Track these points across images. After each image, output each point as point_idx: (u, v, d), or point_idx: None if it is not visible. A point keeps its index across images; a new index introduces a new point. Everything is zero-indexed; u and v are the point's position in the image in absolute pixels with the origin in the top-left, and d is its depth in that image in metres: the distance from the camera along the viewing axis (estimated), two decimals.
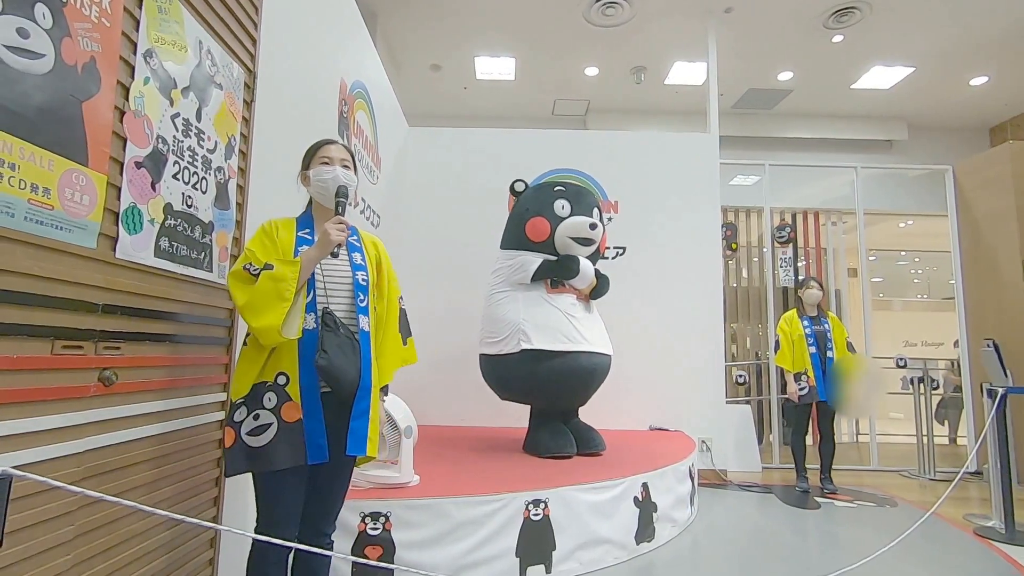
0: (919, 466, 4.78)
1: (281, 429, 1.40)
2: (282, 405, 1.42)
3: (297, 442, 1.41)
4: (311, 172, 1.62)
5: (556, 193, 3.23)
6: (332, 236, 1.46)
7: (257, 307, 1.39)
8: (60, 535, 1.16)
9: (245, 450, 1.40)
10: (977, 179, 5.13)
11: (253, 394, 1.42)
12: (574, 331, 3.03)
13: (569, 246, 3.13)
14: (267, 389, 1.43)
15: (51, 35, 1.10)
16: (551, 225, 3.14)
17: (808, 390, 3.89)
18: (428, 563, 2.08)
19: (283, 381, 1.43)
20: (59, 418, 1.16)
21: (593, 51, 5.68)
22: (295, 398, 1.43)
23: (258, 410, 1.41)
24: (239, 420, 1.41)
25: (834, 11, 4.86)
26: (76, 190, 1.17)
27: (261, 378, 1.44)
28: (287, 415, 1.41)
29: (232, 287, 1.45)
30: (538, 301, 3.09)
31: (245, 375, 1.44)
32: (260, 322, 1.38)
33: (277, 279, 1.41)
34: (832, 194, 6.15)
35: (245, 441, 1.40)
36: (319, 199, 1.62)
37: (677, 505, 2.96)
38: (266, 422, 1.40)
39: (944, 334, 7.69)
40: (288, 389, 1.43)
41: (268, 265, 1.43)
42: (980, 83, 6.01)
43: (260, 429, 1.40)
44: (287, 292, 1.40)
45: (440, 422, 4.12)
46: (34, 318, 1.10)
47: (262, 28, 1.96)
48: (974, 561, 2.75)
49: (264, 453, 1.39)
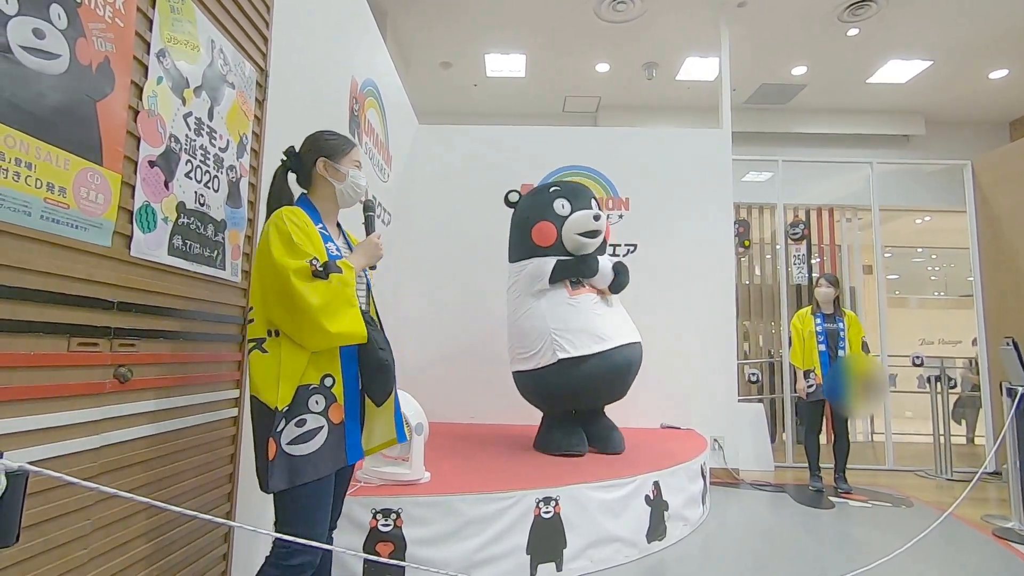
0: (936, 466, 4.71)
1: (330, 431, 1.39)
2: (330, 407, 1.40)
3: (339, 444, 1.41)
4: (348, 172, 1.56)
5: (553, 194, 3.21)
6: (381, 252, 1.54)
7: (333, 311, 1.34)
8: (77, 529, 1.17)
9: (288, 461, 1.32)
10: (997, 174, 5.03)
11: (298, 399, 1.35)
12: (604, 329, 2.99)
13: (578, 242, 3.11)
14: (312, 392, 1.37)
15: (66, 35, 1.11)
16: (556, 226, 3.12)
17: (816, 388, 3.86)
18: (439, 560, 2.08)
19: (330, 383, 1.41)
20: (75, 414, 1.17)
21: (604, 47, 5.64)
22: (340, 399, 1.42)
23: (304, 415, 1.35)
24: (280, 430, 1.33)
25: (849, 4, 4.78)
26: (91, 189, 1.18)
27: (304, 382, 1.37)
28: (335, 416, 1.40)
29: (301, 286, 1.31)
30: (563, 306, 3.04)
31: (288, 380, 1.34)
32: (339, 327, 1.34)
33: (345, 283, 1.38)
34: (847, 190, 6.07)
35: (287, 451, 1.33)
36: (340, 198, 1.57)
37: (689, 504, 2.94)
38: (315, 426, 1.36)
39: (961, 332, 7.56)
40: (335, 390, 1.41)
41: (332, 265, 1.37)
42: (1000, 76, 5.89)
43: (308, 436, 1.35)
44: (354, 298, 1.40)
45: (450, 419, 4.13)
46: (50, 315, 1.11)
47: (274, 27, 1.97)
48: (993, 563, 2.71)
49: (311, 461, 1.35)
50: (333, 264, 1.37)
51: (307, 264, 1.33)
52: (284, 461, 1.32)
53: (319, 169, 1.55)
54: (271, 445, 1.32)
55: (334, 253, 1.45)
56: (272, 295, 1.35)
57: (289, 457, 1.33)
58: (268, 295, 1.36)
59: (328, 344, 1.37)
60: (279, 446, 1.32)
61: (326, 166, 1.55)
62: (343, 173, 1.55)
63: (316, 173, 1.55)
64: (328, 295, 1.33)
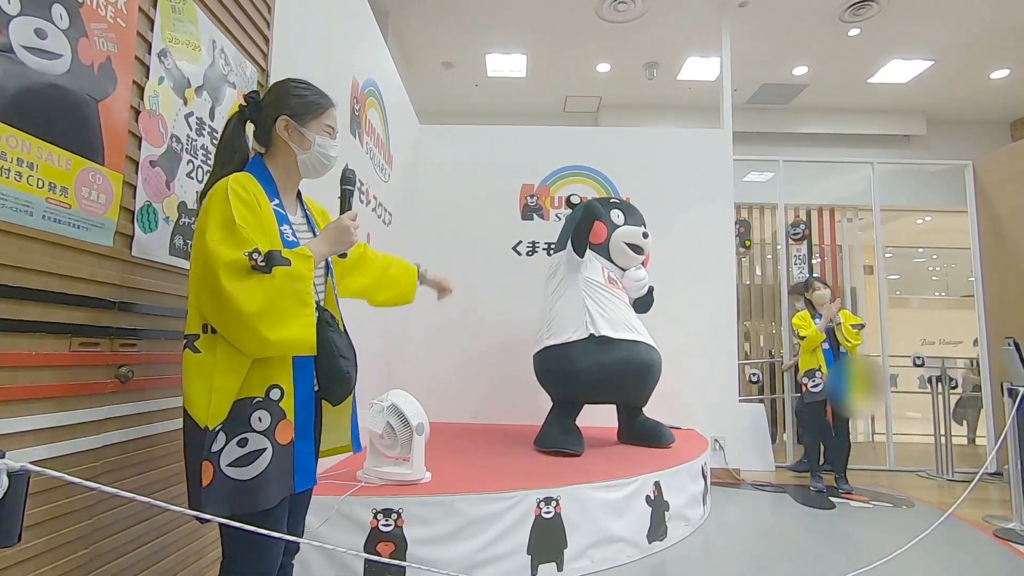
0: (937, 466, 4.71)
1: (276, 454, 1.14)
2: (276, 424, 1.15)
3: (287, 468, 1.18)
4: (314, 139, 1.29)
5: (612, 204, 3.53)
6: (353, 238, 1.27)
7: (276, 314, 1.09)
8: (78, 529, 1.18)
9: (228, 487, 1.10)
10: (998, 174, 5.03)
11: (235, 415, 1.12)
12: (636, 324, 3.23)
13: (623, 251, 3.38)
14: (255, 407, 1.14)
15: (68, 35, 1.11)
16: (608, 230, 3.38)
17: (822, 387, 3.86)
18: (440, 560, 2.08)
19: (277, 396, 1.16)
20: (77, 414, 1.17)
21: (605, 47, 5.64)
22: (289, 415, 1.18)
23: (245, 434, 1.12)
24: (217, 450, 1.10)
25: (850, 4, 4.78)
26: (93, 189, 1.19)
27: (245, 394, 1.13)
28: (281, 436, 1.16)
29: (232, 286, 1.06)
30: (601, 292, 3.23)
31: (223, 392, 1.11)
32: (281, 334, 1.09)
33: (296, 278, 1.12)
34: (848, 190, 6.06)
35: (227, 475, 1.10)
36: (306, 169, 1.31)
37: (690, 504, 2.94)
38: (257, 448, 1.12)
39: (963, 332, 7.55)
40: (283, 404, 1.17)
41: (278, 256, 1.10)
42: (1001, 76, 5.88)
43: (249, 457, 1.11)
44: (307, 296, 1.14)
45: (452, 419, 4.13)
46: (52, 315, 1.12)
47: (275, 27, 1.97)
48: (994, 563, 2.70)
49: (253, 487, 1.11)
50: (279, 255, 1.11)
51: (244, 257, 1.07)
52: (223, 486, 1.10)
53: (279, 129, 1.27)
54: (206, 469, 1.09)
55: (288, 239, 1.20)
56: (203, 287, 1.10)
57: (229, 481, 1.10)
58: (200, 285, 1.10)
59: (268, 353, 1.13)
60: (216, 468, 1.10)
61: (288, 128, 1.27)
62: (308, 140, 1.28)
63: (275, 133, 1.28)
64: (269, 295, 1.09)
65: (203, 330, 1.13)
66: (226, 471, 1.10)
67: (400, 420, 2.26)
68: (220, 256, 1.07)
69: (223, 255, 1.07)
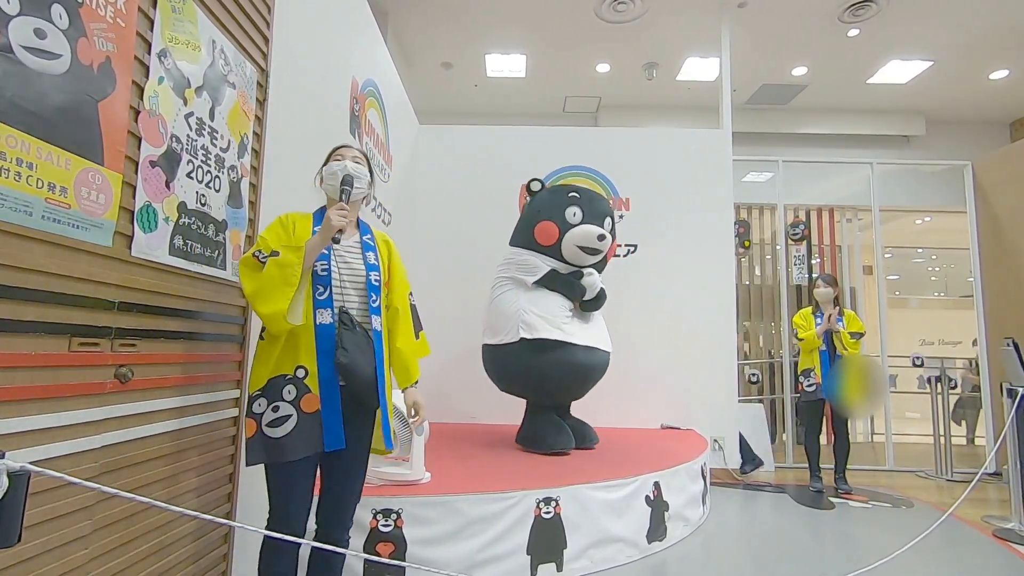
0: (936, 467, 4.71)
1: (300, 420, 1.43)
2: (302, 397, 1.45)
3: (315, 432, 1.45)
4: (324, 169, 1.66)
5: (570, 199, 3.22)
6: (333, 221, 1.48)
7: (264, 293, 1.42)
8: (78, 529, 1.17)
9: (264, 441, 1.43)
10: (997, 175, 5.03)
11: (271, 387, 1.45)
12: (572, 325, 3.10)
13: (576, 254, 3.16)
14: (286, 382, 1.45)
15: (67, 35, 1.11)
16: (560, 231, 3.15)
17: (815, 387, 3.87)
18: (439, 560, 2.08)
19: (302, 374, 1.46)
20: (76, 414, 1.17)
21: (604, 47, 5.64)
22: (314, 390, 1.46)
23: (278, 402, 1.43)
24: (259, 412, 1.44)
25: (850, 4, 4.78)
26: (92, 189, 1.18)
27: (279, 371, 1.46)
28: (307, 406, 1.45)
29: (242, 275, 1.46)
30: (539, 294, 3.15)
31: (262, 367, 1.47)
32: (267, 308, 1.41)
33: (283, 265, 1.44)
34: (847, 191, 6.07)
35: (265, 432, 1.43)
36: (330, 194, 1.65)
37: (689, 504, 2.94)
38: (285, 414, 1.43)
39: (962, 333, 7.56)
40: (307, 382, 1.46)
41: (275, 252, 1.45)
42: (1001, 77, 5.88)
43: (280, 421, 1.42)
44: (292, 278, 1.43)
45: (451, 419, 4.13)
46: (51, 315, 1.11)
47: (274, 27, 1.97)
48: (993, 563, 2.70)
49: (281, 444, 1.42)
50: (275, 252, 1.45)
51: (252, 256, 1.45)
52: (260, 440, 1.43)
53: (318, 185, 1.70)
54: (249, 424, 1.44)
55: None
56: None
57: (265, 438, 1.43)
58: None
59: (269, 325, 1.45)
60: (259, 426, 1.43)
61: (320, 180, 1.70)
62: (324, 176, 1.67)
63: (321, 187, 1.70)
64: (262, 279, 1.42)
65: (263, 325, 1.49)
66: (265, 430, 1.43)
67: (400, 420, 2.25)
68: (242, 256, 1.52)
69: (243, 255, 1.50)
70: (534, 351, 3.04)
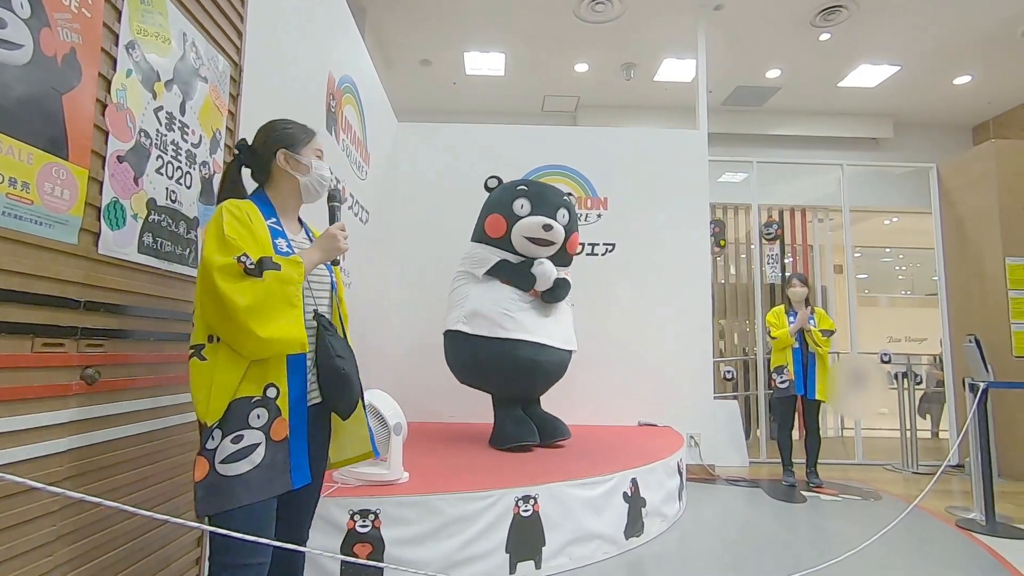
0: (903, 460, 4.86)
1: (269, 450, 1.23)
2: (272, 422, 1.24)
3: (282, 465, 1.26)
4: (311, 163, 1.43)
5: (518, 192, 3.26)
6: (342, 245, 1.38)
7: (266, 313, 1.20)
8: (42, 536, 1.14)
9: (221, 482, 1.18)
10: (961, 177, 5.20)
11: (232, 414, 1.21)
12: (527, 319, 3.09)
13: (525, 246, 3.17)
14: (253, 405, 1.23)
15: (29, 25, 1.07)
16: (507, 223, 3.19)
17: (788, 384, 3.94)
18: (418, 560, 2.07)
19: (273, 394, 1.25)
20: (40, 417, 1.13)
21: (583, 47, 5.67)
22: (284, 413, 1.27)
23: (241, 431, 1.20)
24: (212, 447, 1.19)
25: (821, 9, 4.89)
26: (56, 184, 1.15)
27: (243, 393, 1.22)
28: (276, 433, 1.25)
29: (225, 285, 1.17)
30: (491, 289, 3.18)
31: (220, 391, 1.20)
32: (271, 331, 1.19)
33: (285, 281, 1.23)
34: (819, 191, 6.21)
35: (220, 471, 1.18)
36: (304, 193, 1.45)
37: (666, 500, 2.98)
38: (252, 443, 1.21)
39: (927, 330, 7.80)
40: (279, 403, 1.26)
41: (268, 261, 1.23)
42: (964, 82, 6.09)
43: (243, 452, 1.20)
44: (296, 298, 1.25)
45: (429, 419, 4.11)
46: (13, 315, 1.08)
47: (248, 21, 1.93)
48: (956, 552, 2.80)
49: (246, 481, 1.20)
50: (269, 260, 1.23)
51: (234, 261, 1.19)
52: (216, 481, 1.18)
53: (279, 162, 1.41)
54: (200, 464, 1.19)
55: (283, 250, 1.31)
56: (205, 296, 1.21)
57: (222, 478, 1.18)
58: (203, 296, 1.23)
59: (263, 351, 1.22)
60: (211, 465, 1.18)
61: (287, 158, 1.42)
62: (306, 164, 1.43)
63: (275, 166, 1.42)
64: (260, 295, 1.19)
65: (209, 340, 1.23)
66: (219, 468, 1.18)
67: (378, 420, 2.24)
68: (215, 262, 1.19)
69: (216, 261, 1.19)
70: (461, 341, 3.13)
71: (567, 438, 3.28)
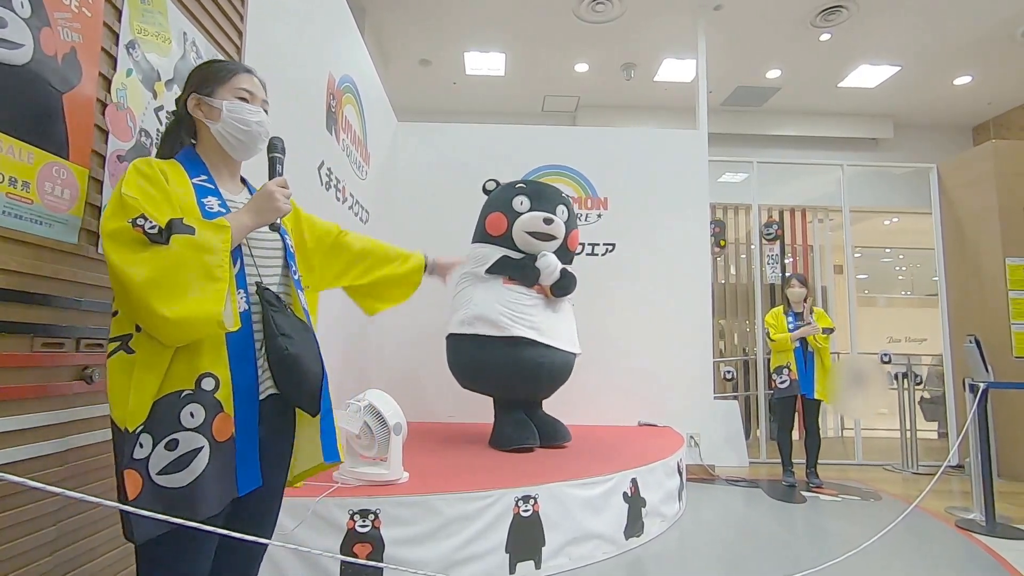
0: (902, 460, 4.86)
1: (214, 453, 1.00)
2: (213, 419, 1.01)
3: (228, 470, 1.03)
4: (223, 105, 1.16)
5: (517, 190, 3.30)
6: (280, 204, 1.12)
7: (172, 288, 0.95)
8: (42, 535, 1.14)
9: (160, 496, 0.96)
10: (960, 177, 5.20)
11: (160, 414, 0.98)
12: (520, 319, 3.06)
13: (527, 241, 3.18)
14: (185, 401, 0.99)
15: (29, 24, 1.07)
16: (508, 220, 3.21)
17: (789, 384, 3.94)
18: (418, 560, 2.07)
19: (210, 386, 1.02)
20: (40, 416, 1.14)
21: (583, 47, 5.67)
22: (228, 408, 1.03)
23: (175, 434, 0.97)
24: (142, 457, 0.96)
25: (821, 10, 4.89)
26: (56, 184, 1.15)
27: (170, 388, 0.99)
28: (219, 432, 1.02)
29: (116, 255, 0.95)
30: (493, 290, 3.17)
31: (141, 390, 0.98)
32: (181, 310, 0.94)
33: (202, 248, 0.98)
34: (819, 191, 6.21)
35: (159, 483, 0.96)
36: (227, 144, 1.18)
37: (666, 500, 2.98)
38: (192, 447, 0.98)
39: (927, 330, 7.80)
40: (219, 396, 1.02)
41: (178, 224, 0.98)
42: (964, 82, 6.09)
43: (183, 461, 0.97)
44: (219, 269, 0.99)
45: (429, 419, 4.11)
46: (12, 315, 1.08)
47: (248, 20, 1.93)
48: (956, 553, 2.80)
49: (190, 495, 0.97)
50: (180, 223, 0.98)
51: (128, 224, 0.96)
52: (152, 498, 0.95)
53: (191, 109, 1.17)
54: (130, 478, 0.95)
55: (212, 211, 1.09)
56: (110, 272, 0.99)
57: (160, 491, 0.96)
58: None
59: (179, 336, 0.98)
60: (145, 478, 0.96)
61: (199, 104, 1.17)
62: (216, 107, 1.16)
63: (194, 118, 1.18)
64: (164, 266, 0.95)
65: (137, 329, 1.01)
66: (157, 480, 0.96)
67: (377, 420, 2.24)
68: (104, 228, 0.98)
69: (106, 226, 0.97)
70: (458, 343, 3.13)
71: (567, 441, 3.27)
